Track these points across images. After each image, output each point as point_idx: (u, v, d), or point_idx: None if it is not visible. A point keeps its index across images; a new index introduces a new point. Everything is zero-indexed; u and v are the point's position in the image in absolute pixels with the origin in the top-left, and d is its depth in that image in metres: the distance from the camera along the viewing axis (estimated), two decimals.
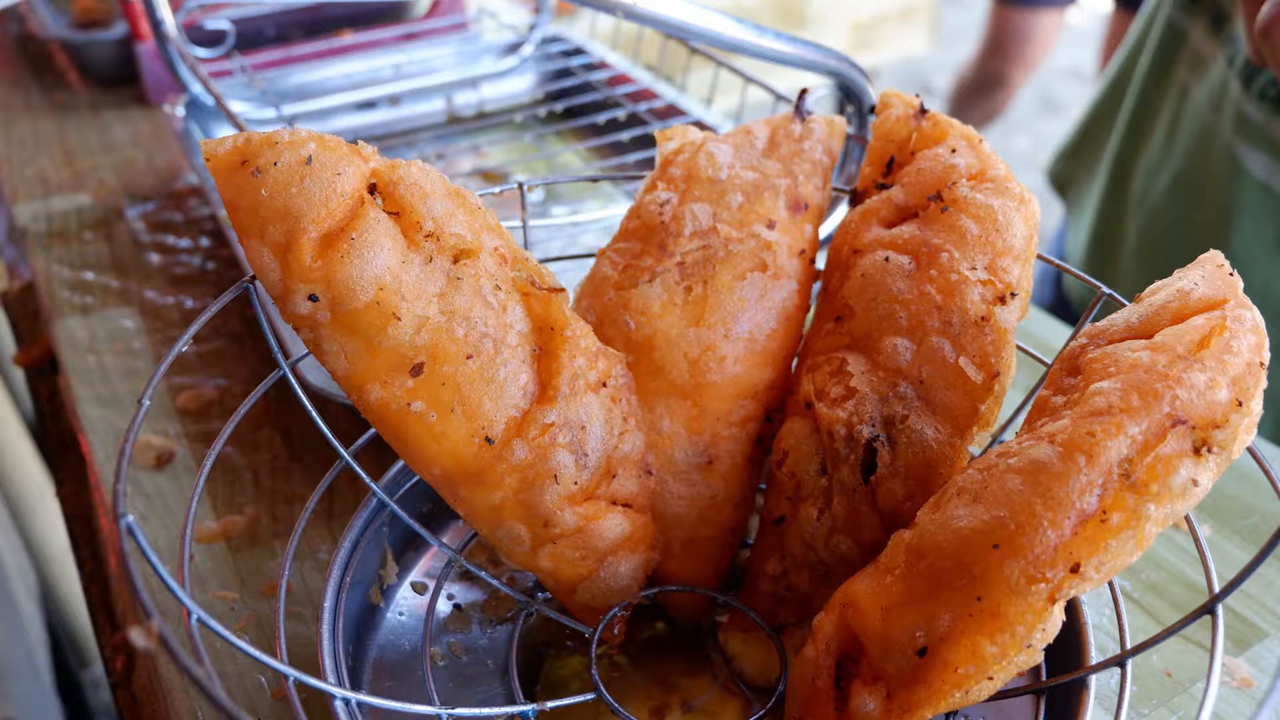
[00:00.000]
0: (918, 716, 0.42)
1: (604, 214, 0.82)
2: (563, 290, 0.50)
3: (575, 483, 0.49)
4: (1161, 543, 0.67)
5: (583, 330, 0.50)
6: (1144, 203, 1.09)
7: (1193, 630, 0.58)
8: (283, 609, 0.48)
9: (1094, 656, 0.51)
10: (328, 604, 0.52)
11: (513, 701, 0.52)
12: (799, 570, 0.53)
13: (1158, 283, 0.47)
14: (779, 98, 0.90)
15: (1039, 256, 0.53)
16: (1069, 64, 4.00)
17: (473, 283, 0.47)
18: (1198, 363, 0.40)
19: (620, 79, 1.17)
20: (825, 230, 0.67)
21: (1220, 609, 0.43)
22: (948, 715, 0.50)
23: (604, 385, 0.50)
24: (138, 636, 0.37)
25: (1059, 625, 0.41)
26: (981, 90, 1.85)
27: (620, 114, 1.11)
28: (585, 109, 1.18)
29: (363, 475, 0.53)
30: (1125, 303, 0.48)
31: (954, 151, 0.54)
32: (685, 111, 1.07)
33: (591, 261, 0.58)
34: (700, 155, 0.58)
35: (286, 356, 0.52)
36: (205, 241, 1.02)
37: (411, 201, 0.46)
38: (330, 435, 0.52)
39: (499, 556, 0.62)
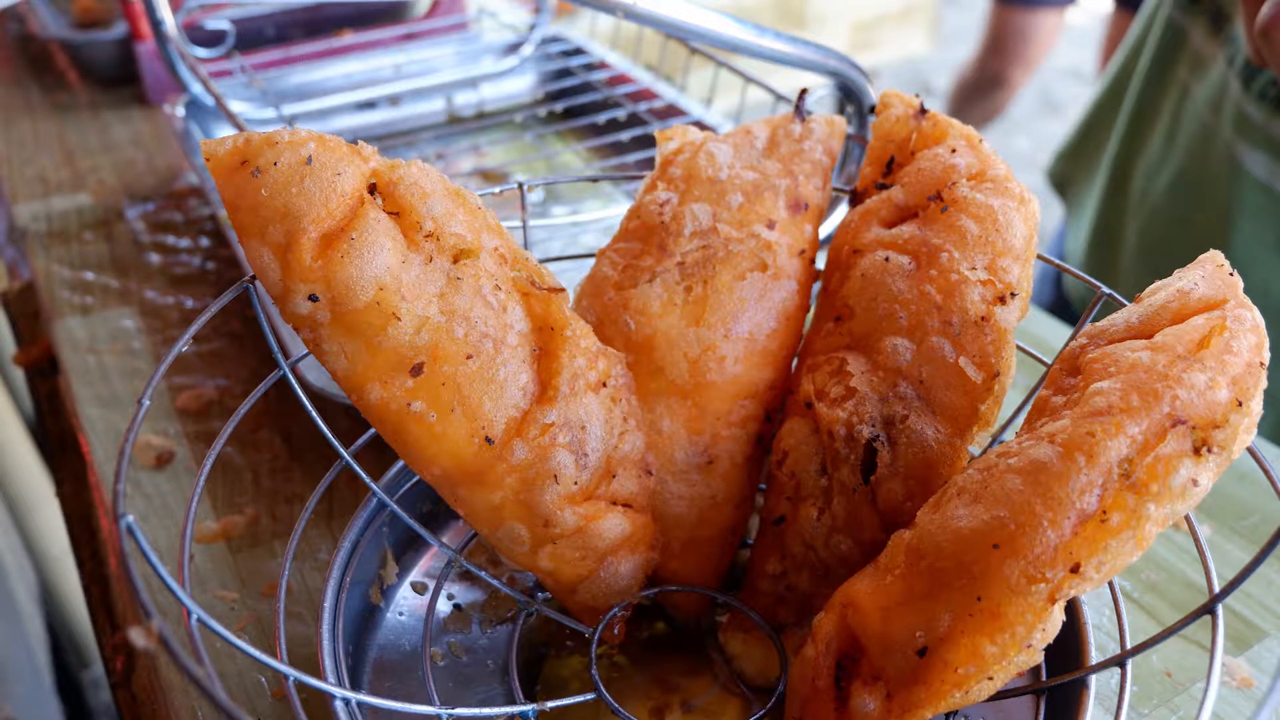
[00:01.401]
0: (918, 716, 0.42)
1: (604, 214, 0.82)
2: (563, 290, 0.50)
3: (575, 483, 0.49)
4: (1161, 543, 0.67)
5: (583, 330, 0.50)
6: (1144, 203, 1.09)
7: (1193, 630, 0.58)
8: (283, 609, 0.48)
9: (1094, 656, 0.51)
10: (328, 604, 0.52)
11: (513, 701, 0.52)
12: (799, 570, 0.53)
13: (1158, 283, 0.47)
14: (779, 98, 0.90)
15: (1039, 256, 0.53)
16: (1069, 64, 4.00)
17: (473, 283, 0.47)
18: (1198, 363, 0.40)
19: (620, 79, 1.17)
20: (825, 230, 0.67)
21: (1220, 609, 0.43)
22: (948, 715, 0.50)
23: (604, 385, 0.50)
24: (138, 636, 0.37)
25: (1059, 625, 0.41)
26: (981, 90, 1.85)
27: (620, 114, 1.11)
28: (585, 109, 1.18)
29: (363, 475, 0.53)
30: (1125, 303, 0.48)
31: (954, 151, 0.54)
32: (685, 111, 1.07)
33: (591, 261, 0.58)
34: (700, 155, 0.58)
35: (286, 356, 0.52)
36: (205, 241, 1.02)
37: (411, 201, 0.46)
38: (330, 435, 0.52)
39: (499, 556, 0.62)
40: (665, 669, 0.56)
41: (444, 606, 0.60)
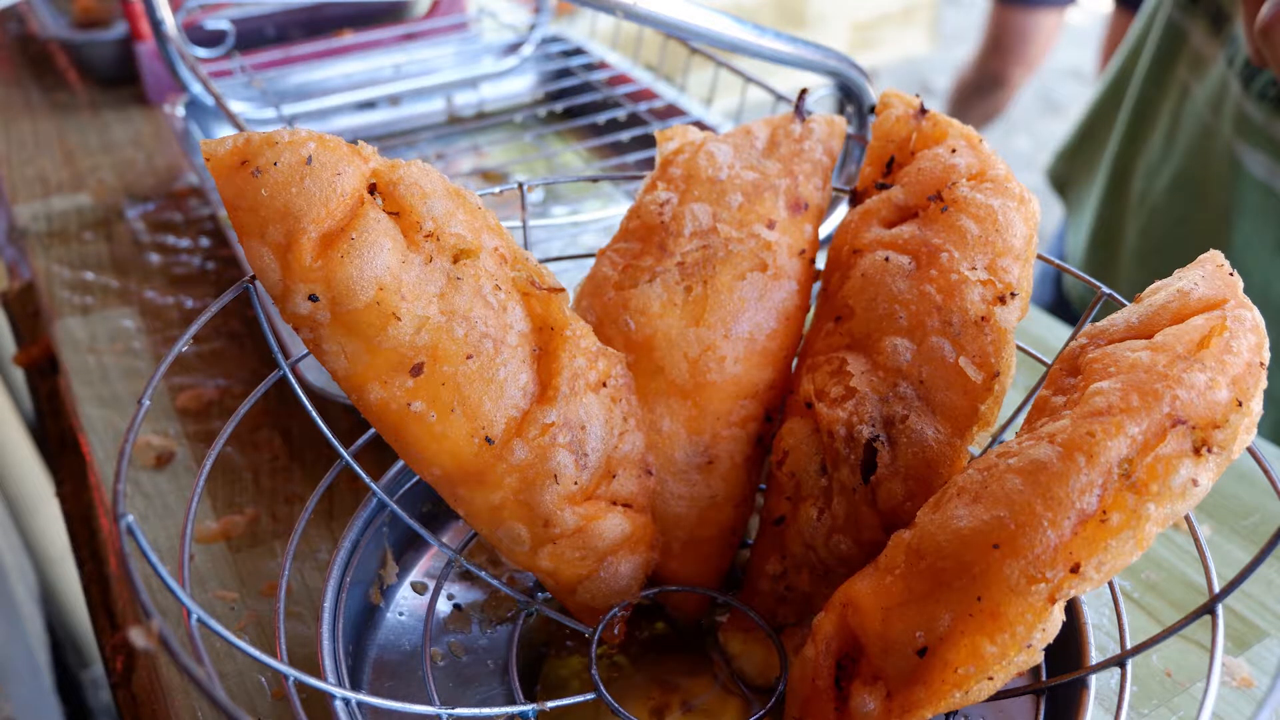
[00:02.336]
0: (918, 716, 0.42)
1: (604, 214, 0.82)
2: (563, 290, 0.50)
3: (575, 483, 0.49)
4: (1161, 543, 0.67)
5: (583, 330, 0.50)
6: (1144, 203, 1.09)
7: (1193, 630, 0.58)
8: (283, 609, 0.48)
9: (1094, 656, 0.51)
10: (328, 604, 0.52)
11: (513, 701, 0.52)
12: (799, 570, 0.53)
13: (1158, 283, 0.47)
14: (779, 98, 0.90)
15: (1039, 256, 0.53)
16: (1069, 64, 4.00)
17: (473, 283, 0.47)
18: (1198, 363, 0.40)
19: (620, 79, 1.17)
20: (825, 230, 0.67)
21: (1220, 609, 0.43)
22: (948, 715, 0.50)
23: (604, 385, 0.50)
24: (138, 636, 0.37)
25: (1059, 625, 0.41)
26: (981, 90, 1.85)
27: (620, 114, 1.11)
28: (585, 109, 1.18)
29: (363, 475, 0.53)
30: (1125, 303, 0.48)
31: (954, 151, 0.54)
32: (685, 111, 1.07)
33: (591, 261, 0.58)
34: (700, 155, 0.58)
35: (286, 356, 0.52)
36: (205, 241, 1.02)
37: (411, 201, 0.46)
38: (330, 435, 0.52)
39: (499, 556, 0.62)
40: (665, 669, 0.56)
41: (444, 606, 0.60)
